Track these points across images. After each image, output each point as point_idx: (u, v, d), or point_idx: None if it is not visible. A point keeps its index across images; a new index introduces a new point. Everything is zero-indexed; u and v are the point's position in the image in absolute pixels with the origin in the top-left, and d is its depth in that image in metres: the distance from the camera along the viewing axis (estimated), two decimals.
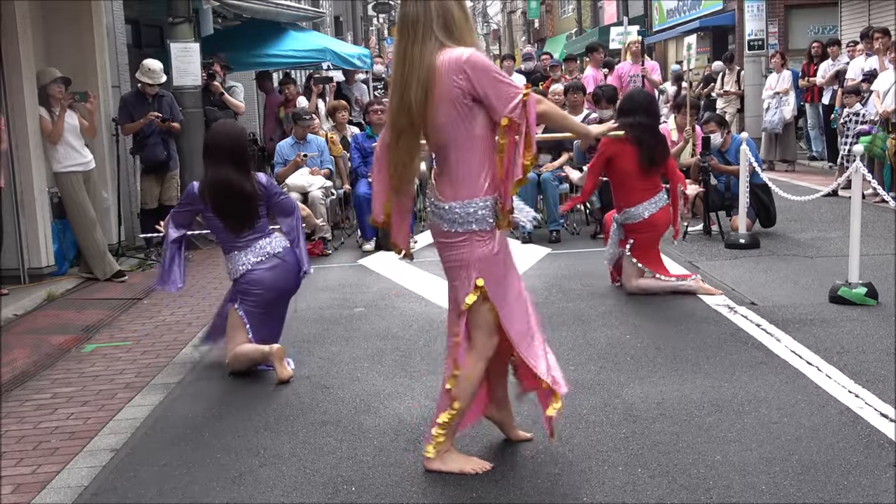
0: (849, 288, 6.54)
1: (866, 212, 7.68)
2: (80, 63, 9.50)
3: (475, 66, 3.66)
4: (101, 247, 8.78)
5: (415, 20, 3.74)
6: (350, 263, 9.28)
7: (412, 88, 3.72)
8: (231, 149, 5.60)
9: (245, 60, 13.21)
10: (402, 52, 3.77)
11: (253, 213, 5.65)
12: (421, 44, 3.71)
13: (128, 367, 5.98)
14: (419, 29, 3.73)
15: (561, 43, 37.54)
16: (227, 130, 5.75)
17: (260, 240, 5.69)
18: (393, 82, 3.87)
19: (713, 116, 10.25)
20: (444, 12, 3.74)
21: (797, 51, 18.20)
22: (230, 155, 5.59)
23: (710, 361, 5.42)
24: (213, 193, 5.59)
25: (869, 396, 4.71)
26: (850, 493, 3.66)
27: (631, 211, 7.05)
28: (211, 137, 5.74)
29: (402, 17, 3.82)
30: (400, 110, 3.79)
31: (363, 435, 4.53)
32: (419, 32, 3.73)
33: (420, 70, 3.70)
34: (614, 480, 3.87)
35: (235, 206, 5.60)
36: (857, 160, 6.65)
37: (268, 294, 5.67)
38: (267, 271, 5.65)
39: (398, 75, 3.80)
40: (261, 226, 5.73)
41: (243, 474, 4.13)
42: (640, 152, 6.92)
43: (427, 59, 3.69)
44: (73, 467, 4.36)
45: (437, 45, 3.71)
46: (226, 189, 5.56)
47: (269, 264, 5.66)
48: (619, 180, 7.13)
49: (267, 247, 5.69)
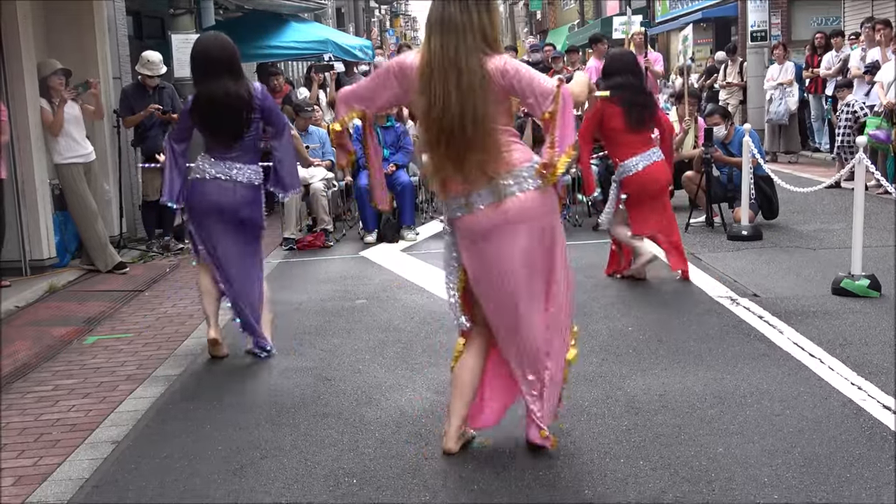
0: (852, 280, 6.53)
1: (869, 203, 7.66)
2: (80, 54, 9.48)
3: (511, 69, 3.83)
4: (102, 238, 8.78)
5: (461, 27, 3.81)
6: (352, 255, 9.28)
7: (474, 93, 3.79)
8: (223, 59, 5.51)
9: (247, 52, 13.10)
10: (455, 58, 3.80)
11: (244, 122, 5.54)
12: (471, 53, 3.81)
13: (129, 359, 5.98)
14: (467, 37, 3.81)
15: (563, 34, 37.47)
16: (218, 41, 5.63)
17: (233, 162, 5.60)
18: (440, 85, 3.83)
19: (717, 108, 10.23)
20: (489, 23, 3.88)
21: (800, 42, 18.14)
22: (222, 65, 5.49)
23: (713, 353, 5.41)
24: (206, 106, 5.51)
25: (872, 388, 4.70)
26: (852, 486, 3.66)
27: (624, 164, 7.12)
28: (203, 51, 5.57)
29: (445, 22, 3.83)
30: (460, 116, 3.80)
31: (365, 427, 4.52)
32: (468, 40, 3.81)
33: (476, 77, 3.80)
34: (616, 473, 3.87)
35: (228, 115, 5.50)
36: (860, 152, 6.63)
37: (200, 205, 5.64)
38: (210, 186, 5.59)
39: (450, 80, 3.80)
40: (251, 151, 5.65)
41: (245, 466, 4.12)
42: (628, 112, 6.99)
43: (482, 68, 3.81)
44: (75, 459, 4.36)
45: (482, 53, 3.83)
46: (222, 99, 5.45)
47: (217, 183, 5.58)
48: (610, 138, 7.27)
49: (233, 171, 5.60)
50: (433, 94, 3.84)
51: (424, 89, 3.87)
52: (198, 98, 5.56)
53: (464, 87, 3.80)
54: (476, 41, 3.83)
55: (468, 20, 3.83)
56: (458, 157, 3.85)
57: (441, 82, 3.82)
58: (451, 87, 3.80)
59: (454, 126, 3.82)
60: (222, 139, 5.59)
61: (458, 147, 3.84)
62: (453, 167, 3.88)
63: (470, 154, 3.83)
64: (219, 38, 5.72)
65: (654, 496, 3.64)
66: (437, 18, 3.88)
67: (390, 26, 50.54)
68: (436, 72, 3.83)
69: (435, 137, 3.88)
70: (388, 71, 4.07)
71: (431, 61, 3.85)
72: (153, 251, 9.62)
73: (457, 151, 3.85)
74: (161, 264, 9.14)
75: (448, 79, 3.81)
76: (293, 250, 9.54)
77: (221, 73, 5.49)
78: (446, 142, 3.85)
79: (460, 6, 3.84)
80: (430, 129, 3.90)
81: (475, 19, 3.84)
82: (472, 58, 3.81)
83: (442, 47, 3.83)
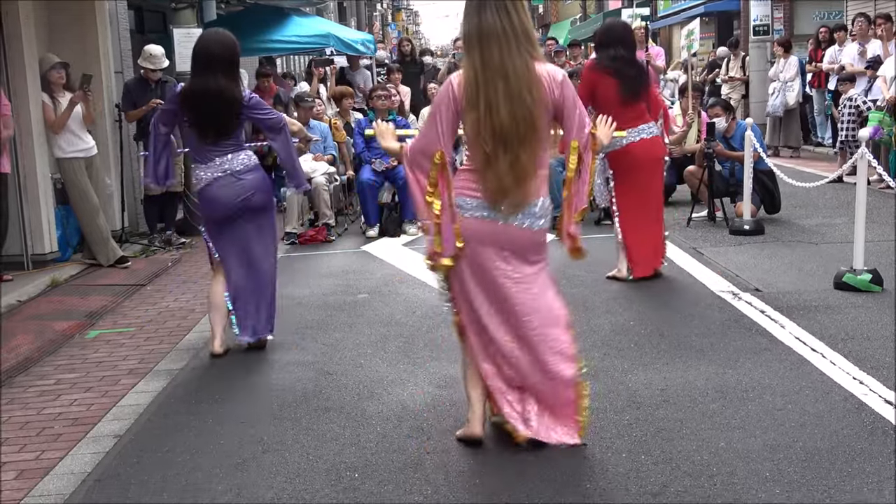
0: (853, 274, 6.52)
1: (871, 198, 7.66)
2: (82, 49, 9.47)
3: (568, 86, 3.91)
4: (104, 233, 8.78)
5: (504, 33, 3.79)
6: (353, 250, 9.27)
7: (525, 100, 3.79)
8: (223, 57, 5.51)
9: (248, 46, 13.12)
10: (500, 65, 3.78)
11: (232, 120, 5.55)
12: (518, 56, 3.80)
13: (131, 354, 5.98)
14: (511, 42, 3.80)
15: (565, 28, 37.43)
16: (221, 39, 5.62)
17: (222, 156, 5.59)
18: (490, 95, 3.79)
19: (719, 101, 10.22)
20: (527, 26, 3.89)
21: (802, 36, 18.10)
22: (221, 63, 5.49)
23: (714, 348, 5.41)
24: (197, 100, 5.51)
25: (873, 383, 4.70)
26: (854, 480, 3.66)
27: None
28: (205, 46, 5.58)
29: (486, 30, 3.80)
30: (512, 123, 3.79)
31: (366, 421, 4.52)
32: (512, 45, 3.80)
33: (528, 81, 3.80)
34: (618, 467, 3.87)
35: (217, 111, 5.50)
36: (863, 146, 6.61)
37: (215, 213, 5.64)
38: (217, 189, 5.58)
39: (498, 88, 3.78)
40: (233, 140, 5.64)
41: (246, 461, 4.13)
42: (622, 84, 6.92)
43: (531, 70, 3.81)
44: (77, 453, 4.36)
45: (528, 57, 3.83)
46: (216, 94, 5.46)
47: (220, 182, 5.58)
48: (602, 110, 7.12)
49: (226, 164, 5.60)
50: (482, 105, 3.79)
51: (472, 103, 3.82)
52: (191, 90, 5.55)
53: (513, 91, 3.77)
54: (520, 43, 3.81)
55: (508, 24, 3.79)
56: (516, 165, 3.82)
57: (488, 92, 3.78)
58: (500, 95, 3.77)
59: (507, 133, 3.78)
60: (209, 134, 5.58)
61: (514, 153, 3.81)
62: (514, 180, 3.83)
63: (525, 158, 3.83)
64: (221, 34, 5.71)
65: (655, 490, 3.64)
66: (475, 30, 3.83)
67: (392, 20, 50.51)
68: (481, 84, 3.79)
69: (492, 150, 3.81)
70: (439, 104, 3.95)
71: (476, 75, 3.80)
72: (155, 245, 9.62)
73: (514, 158, 3.81)
74: (163, 258, 9.14)
75: (496, 87, 3.77)
76: (295, 245, 9.54)
77: (218, 70, 5.49)
78: (504, 150, 3.80)
79: (497, 10, 3.79)
80: (484, 142, 3.82)
81: (515, 21, 3.81)
82: (518, 61, 3.79)
83: (484, 57, 3.79)
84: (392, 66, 14.30)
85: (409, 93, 13.50)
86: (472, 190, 3.94)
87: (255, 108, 5.68)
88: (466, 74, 3.86)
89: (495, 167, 3.85)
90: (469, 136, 3.92)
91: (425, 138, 3.97)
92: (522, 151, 3.83)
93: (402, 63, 14.55)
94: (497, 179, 3.86)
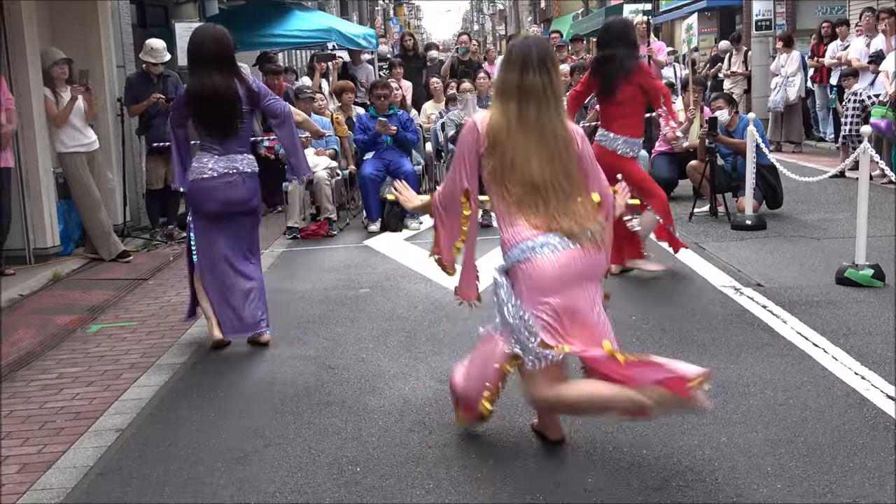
0: (855, 269, 6.52)
1: (873, 193, 7.65)
2: (84, 43, 9.47)
3: (587, 141, 3.96)
4: (106, 227, 8.79)
5: (543, 93, 3.80)
6: (355, 244, 9.28)
7: (562, 156, 3.79)
8: (216, 53, 5.48)
9: (250, 41, 13.16)
10: (536, 122, 3.78)
11: (234, 117, 5.52)
12: (556, 116, 3.82)
13: (133, 348, 5.99)
14: (550, 102, 3.81)
15: (567, 23, 37.37)
16: (212, 33, 5.59)
17: (232, 154, 5.58)
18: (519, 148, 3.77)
19: (722, 94, 10.22)
20: (562, 89, 3.93)
21: (805, 31, 18.08)
22: (214, 59, 5.47)
23: (716, 343, 5.41)
24: (196, 101, 5.51)
25: (875, 378, 4.70)
26: (855, 475, 3.66)
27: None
28: (197, 43, 5.54)
29: (528, 87, 3.79)
30: (543, 176, 3.76)
31: (368, 416, 4.53)
32: (550, 105, 3.82)
33: (565, 140, 3.82)
34: (619, 462, 3.87)
35: (217, 111, 5.49)
36: (865, 141, 6.61)
37: (207, 207, 5.61)
38: (214, 182, 5.56)
39: (530, 143, 3.77)
40: (242, 135, 5.62)
41: (248, 455, 4.13)
42: (600, 82, 6.92)
43: (567, 130, 3.85)
44: (79, 447, 4.37)
45: (563, 116, 3.87)
46: (210, 95, 5.45)
47: (222, 180, 5.56)
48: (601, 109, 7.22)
49: (235, 163, 5.59)
50: (509, 156, 3.78)
51: (499, 151, 3.79)
52: (190, 90, 5.57)
53: (550, 149, 3.78)
54: (557, 104, 3.84)
55: (549, 85, 3.81)
56: (564, 206, 3.78)
57: (519, 144, 3.78)
58: (532, 150, 3.77)
59: (549, 187, 3.77)
60: (216, 133, 5.57)
61: (559, 201, 3.77)
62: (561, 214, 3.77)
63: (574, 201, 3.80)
64: (210, 29, 5.68)
65: (657, 485, 3.65)
66: (516, 84, 3.81)
67: (394, 15, 50.48)
68: (514, 135, 3.78)
69: (531, 202, 3.77)
70: (462, 147, 3.92)
71: (509, 125, 3.80)
72: (157, 240, 9.63)
73: (559, 205, 3.77)
74: (164, 253, 9.15)
75: (529, 142, 3.78)
76: (297, 239, 9.54)
77: (211, 66, 5.47)
78: (545, 203, 3.77)
79: (540, 71, 3.80)
80: (505, 189, 3.80)
81: (555, 83, 3.83)
82: (556, 121, 3.81)
83: (521, 112, 3.80)
84: (394, 60, 14.28)
85: (411, 87, 13.50)
86: (524, 228, 3.77)
87: (265, 95, 5.66)
88: (496, 121, 3.83)
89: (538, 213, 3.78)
90: (488, 180, 3.88)
91: (452, 182, 3.98)
92: (568, 195, 3.79)
93: (405, 58, 14.54)
94: (544, 205, 3.78)
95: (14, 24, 8.24)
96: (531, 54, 3.82)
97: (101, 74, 9.57)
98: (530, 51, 3.83)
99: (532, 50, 3.83)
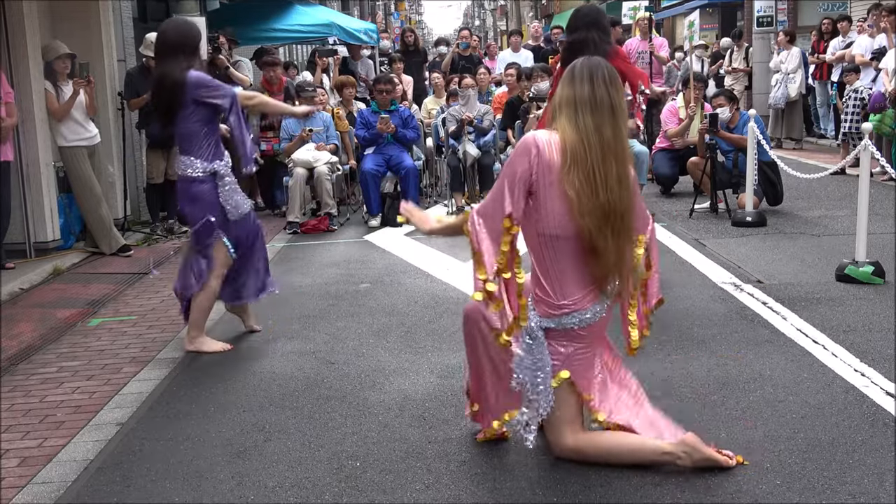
0: (856, 266, 6.52)
1: (874, 190, 7.65)
2: (85, 37, 9.46)
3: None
4: (106, 221, 8.79)
5: (613, 109, 3.60)
6: (356, 239, 9.28)
7: (629, 181, 3.63)
8: (176, 41, 5.47)
9: (251, 35, 13.15)
10: (612, 142, 3.57)
11: (174, 103, 5.44)
12: (623, 140, 3.65)
13: (133, 342, 5.99)
14: (620, 121, 3.62)
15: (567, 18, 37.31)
16: (175, 23, 5.66)
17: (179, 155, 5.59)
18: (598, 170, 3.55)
19: (722, 91, 10.21)
20: (626, 108, 3.73)
21: (806, 28, 18.07)
22: (175, 49, 5.45)
23: (716, 339, 5.41)
24: (152, 89, 5.61)
25: (875, 375, 4.71)
26: (854, 472, 3.66)
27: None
28: (160, 33, 5.59)
29: (600, 101, 3.58)
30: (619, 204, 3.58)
31: (368, 411, 4.53)
32: (621, 124, 3.62)
33: (626, 166, 3.64)
34: None
35: (159, 97, 5.52)
36: (866, 138, 6.61)
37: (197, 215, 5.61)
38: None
39: (610, 166, 3.56)
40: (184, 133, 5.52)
41: (248, 449, 4.14)
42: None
43: (629, 155, 3.73)
44: (79, 441, 4.37)
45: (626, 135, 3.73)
46: (158, 80, 5.51)
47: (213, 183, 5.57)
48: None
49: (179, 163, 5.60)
50: (592, 177, 3.53)
51: (579, 170, 3.54)
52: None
53: (622, 173, 3.59)
54: (625, 124, 3.65)
55: (618, 101, 3.61)
56: (620, 249, 3.63)
57: (598, 166, 3.54)
58: (611, 173, 3.55)
59: (618, 215, 3.58)
60: (164, 124, 5.63)
61: (619, 237, 3.61)
62: (615, 260, 3.63)
63: (627, 243, 3.67)
64: (178, 20, 5.79)
65: (657, 480, 3.65)
66: (588, 97, 3.58)
67: (395, 10, 50.41)
68: (592, 152, 3.54)
69: (595, 227, 3.56)
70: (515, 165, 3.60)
71: (587, 145, 3.54)
72: (157, 234, 9.63)
73: (619, 242, 3.62)
74: (165, 247, 9.15)
75: (609, 164, 3.55)
76: (297, 234, 9.55)
77: (168, 55, 5.48)
78: (612, 231, 3.58)
79: (607, 84, 3.60)
80: (580, 216, 3.55)
81: (622, 100, 3.64)
82: (626, 143, 3.65)
83: (600, 131, 3.55)
84: (394, 55, 14.27)
85: (412, 82, 13.49)
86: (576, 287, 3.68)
87: (200, 86, 5.42)
88: (569, 138, 3.57)
89: (602, 246, 3.59)
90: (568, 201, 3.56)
91: (495, 201, 3.60)
92: (628, 234, 3.66)
93: (406, 53, 14.53)
94: (604, 262, 3.63)
95: (14, 18, 8.23)
96: (599, 69, 3.62)
97: (101, 69, 9.56)
98: (598, 66, 3.63)
99: (600, 65, 3.64)
